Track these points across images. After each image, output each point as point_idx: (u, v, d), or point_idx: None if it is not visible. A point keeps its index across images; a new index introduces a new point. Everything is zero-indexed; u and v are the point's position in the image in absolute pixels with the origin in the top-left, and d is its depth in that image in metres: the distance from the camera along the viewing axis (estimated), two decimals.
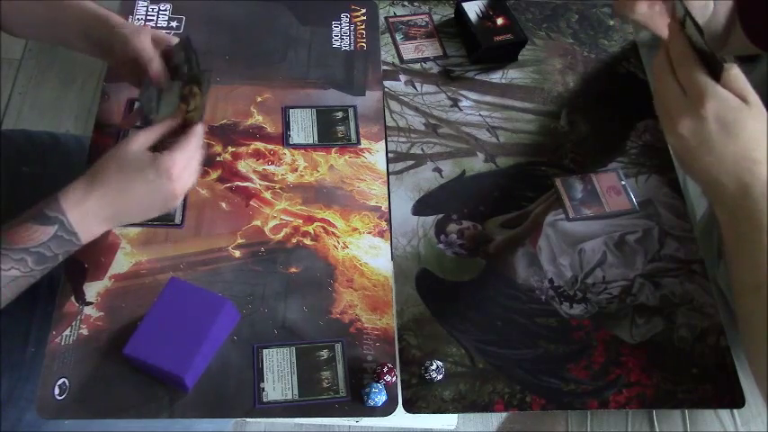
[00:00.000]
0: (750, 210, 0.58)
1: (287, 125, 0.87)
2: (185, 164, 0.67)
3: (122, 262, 0.76)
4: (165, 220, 0.78)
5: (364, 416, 0.70)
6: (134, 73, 0.75)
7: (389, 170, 0.85)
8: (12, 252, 0.61)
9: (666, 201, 0.85)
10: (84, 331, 0.71)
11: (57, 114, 1.72)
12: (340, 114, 0.89)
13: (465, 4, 0.95)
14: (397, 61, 0.95)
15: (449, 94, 0.92)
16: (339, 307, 0.75)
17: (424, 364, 0.71)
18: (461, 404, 0.71)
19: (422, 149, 0.87)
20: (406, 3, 1.01)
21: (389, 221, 0.81)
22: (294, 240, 0.79)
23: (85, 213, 0.64)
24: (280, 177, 0.83)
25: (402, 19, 0.99)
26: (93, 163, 0.67)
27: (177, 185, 0.67)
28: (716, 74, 0.59)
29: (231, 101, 0.89)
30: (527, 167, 0.87)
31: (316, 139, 0.87)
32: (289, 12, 0.98)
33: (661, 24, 0.74)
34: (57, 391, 0.68)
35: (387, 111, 0.90)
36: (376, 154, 0.86)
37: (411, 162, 0.86)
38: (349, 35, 0.97)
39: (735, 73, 0.58)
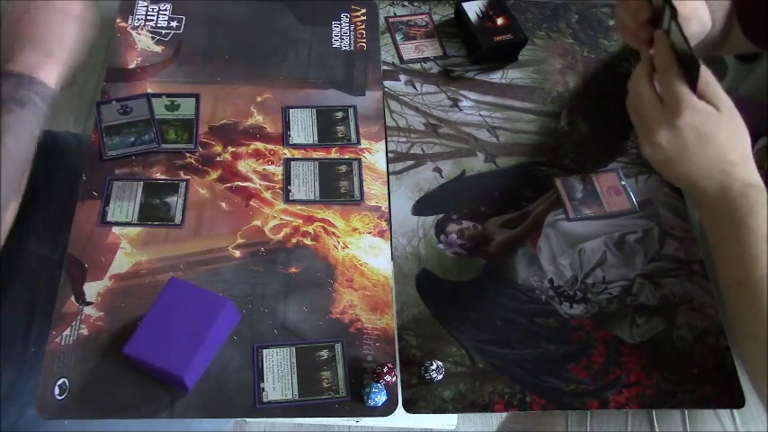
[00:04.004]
0: (729, 209, 0.60)
1: (287, 125, 0.87)
2: None
3: (122, 262, 0.76)
4: (165, 220, 0.78)
5: (364, 416, 0.70)
6: None
7: (389, 170, 0.85)
8: None
9: (666, 201, 0.85)
10: (84, 331, 0.71)
11: (57, 114, 1.71)
12: (340, 114, 0.89)
13: (465, 4, 0.95)
14: (397, 61, 0.95)
15: (449, 94, 0.92)
16: (339, 307, 0.75)
17: (424, 364, 0.71)
18: (461, 404, 0.71)
19: (422, 149, 0.87)
20: (406, 3, 1.01)
21: (389, 221, 0.81)
22: (294, 240, 0.79)
23: None
24: (280, 177, 0.83)
25: (402, 19, 0.99)
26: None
27: None
28: (695, 79, 0.60)
29: (231, 101, 0.88)
30: (527, 167, 0.87)
31: (316, 139, 0.87)
32: (289, 12, 0.98)
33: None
34: (57, 390, 0.68)
35: (387, 111, 0.90)
36: (376, 154, 0.86)
37: (411, 162, 0.86)
38: (349, 35, 0.96)
39: (708, 80, 0.60)
